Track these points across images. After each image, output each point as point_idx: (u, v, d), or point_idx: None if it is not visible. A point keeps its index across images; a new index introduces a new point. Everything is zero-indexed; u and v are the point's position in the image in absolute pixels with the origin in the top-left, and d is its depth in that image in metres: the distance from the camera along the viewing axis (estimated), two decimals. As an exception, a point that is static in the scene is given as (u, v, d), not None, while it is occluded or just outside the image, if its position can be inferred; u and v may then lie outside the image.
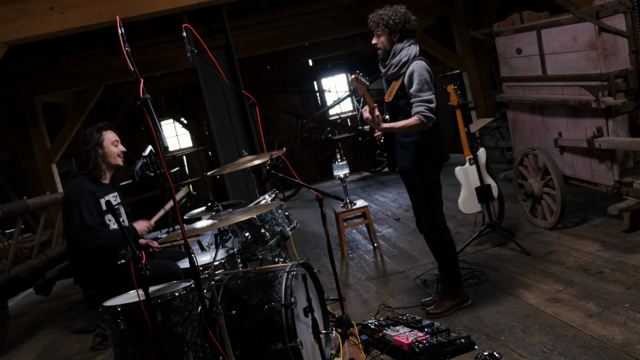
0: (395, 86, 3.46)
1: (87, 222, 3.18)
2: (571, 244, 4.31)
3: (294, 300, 2.73)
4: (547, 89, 4.75)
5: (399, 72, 3.42)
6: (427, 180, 3.51)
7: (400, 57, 3.39)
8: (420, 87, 3.30)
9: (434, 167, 3.51)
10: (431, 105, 3.28)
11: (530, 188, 4.89)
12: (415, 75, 3.31)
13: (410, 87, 3.34)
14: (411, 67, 3.34)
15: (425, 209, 3.57)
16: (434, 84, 3.38)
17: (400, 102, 3.45)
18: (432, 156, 3.47)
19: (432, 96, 3.31)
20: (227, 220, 2.65)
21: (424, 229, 3.65)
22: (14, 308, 6.49)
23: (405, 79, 3.37)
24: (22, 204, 3.98)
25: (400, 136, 3.50)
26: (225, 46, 6.32)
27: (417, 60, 3.37)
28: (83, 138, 3.39)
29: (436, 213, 3.55)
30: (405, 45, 3.40)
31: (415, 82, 3.31)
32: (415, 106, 3.30)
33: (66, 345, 4.70)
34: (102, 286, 3.29)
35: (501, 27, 5.30)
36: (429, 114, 3.27)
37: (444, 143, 3.57)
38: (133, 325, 2.62)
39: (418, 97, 3.29)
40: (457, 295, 3.58)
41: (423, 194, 3.54)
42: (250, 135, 5.92)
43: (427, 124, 3.28)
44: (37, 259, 4.53)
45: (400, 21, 3.36)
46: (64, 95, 9.85)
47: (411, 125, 3.30)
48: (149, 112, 2.18)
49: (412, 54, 3.39)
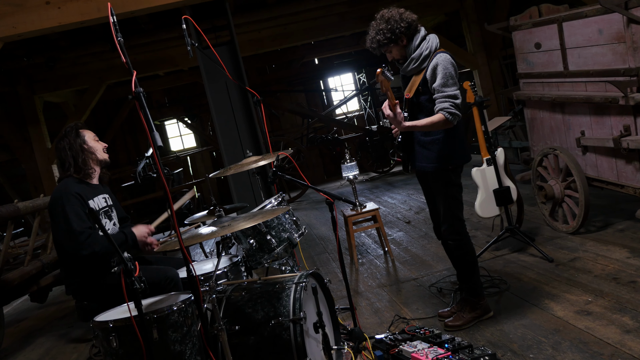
0: (416, 81, 3.20)
1: (75, 227, 2.94)
2: (597, 250, 4.05)
3: (303, 315, 2.49)
4: (569, 86, 4.49)
5: (420, 67, 3.16)
6: (448, 182, 3.25)
7: (421, 51, 3.13)
8: (445, 82, 3.04)
9: (455, 168, 3.25)
10: (457, 102, 3.03)
11: (551, 190, 4.63)
12: (440, 68, 3.06)
13: (434, 81, 3.08)
14: (434, 60, 3.09)
15: (444, 213, 3.31)
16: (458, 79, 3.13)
17: (422, 98, 3.19)
18: (454, 156, 3.22)
19: (458, 91, 3.06)
20: (229, 228, 2.41)
21: (442, 234, 3.40)
22: (11, 314, 6.27)
23: (428, 73, 3.11)
24: (12, 207, 3.75)
25: (420, 135, 3.24)
26: (229, 43, 6.09)
27: (440, 53, 3.11)
28: (62, 139, 3.18)
29: (456, 218, 3.30)
30: (418, 39, 3.14)
31: (439, 76, 3.05)
32: (439, 102, 3.05)
33: (62, 355, 4.47)
34: (94, 297, 3.06)
35: (518, 20, 5.04)
36: (454, 110, 3.02)
37: (466, 142, 3.33)
38: (126, 343, 2.39)
39: (442, 92, 3.04)
40: (478, 306, 3.32)
41: (443, 197, 3.29)
42: (255, 135, 5.68)
43: (452, 121, 3.03)
44: (31, 265, 4.30)
45: (395, 27, 3.09)
46: (65, 95, 9.66)
47: (435, 122, 3.05)
48: (142, 107, 1.94)
49: (434, 46, 3.14)
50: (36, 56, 7.98)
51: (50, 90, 8.63)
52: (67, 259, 3.08)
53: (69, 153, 3.16)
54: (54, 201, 3.06)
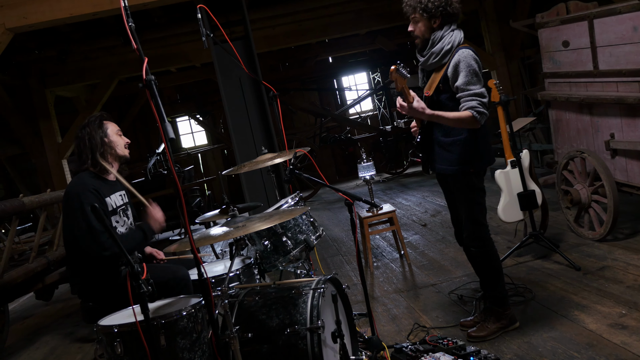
0: (436, 78, 3.01)
1: (96, 227, 2.78)
2: (626, 258, 3.84)
3: (321, 324, 2.32)
4: (599, 86, 4.29)
5: (441, 62, 2.98)
6: (470, 185, 3.06)
7: (443, 45, 2.94)
8: (469, 80, 2.86)
9: (478, 171, 3.07)
10: (484, 100, 2.84)
11: (577, 195, 4.43)
12: (462, 65, 2.87)
13: (456, 79, 2.89)
14: (456, 57, 2.90)
15: (466, 218, 3.13)
16: (483, 76, 2.95)
17: (442, 96, 3.01)
18: (476, 159, 3.02)
19: (484, 89, 2.88)
20: (245, 229, 2.24)
21: (465, 241, 3.22)
22: (17, 310, 6.16)
23: (449, 70, 2.92)
24: (17, 202, 3.61)
25: (440, 135, 3.05)
26: (244, 38, 5.95)
27: (463, 48, 2.91)
28: (83, 128, 3.00)
29: (479, 224, 3.11)
30: (447, 31, 2.95)
31: (463, 73, 2.86)
32: (465, 101, 2.86)
33: (67, 355, 4.34)
34: (101, 298, 2.90)
35: (545, 17, 4.84)
36: (482, 109, 2.83)
37: (490, 144, 3.13)
38: (132, 349, 2.24)
39: (468, 90, 2.85)
40: (503, 316, 3.13)
41: (465, 201, 3.11)
42: (269, 132, 5.52)
43: (480, 120, 2.84)
44: (36, 262, 4.15)
45: (441, 4, 2.91)
46: (76, 89, 9.55)
47: (462, 119, 2.85)
48: (152, 95, 1.79)
49: (456, 41, 2.94)
50: (48, 49, 7.89)
51: (62, 84, 8.52)
52: (76, 258, 2.92)
53: (88, 144, 2.99)
54: (70, 197, 2.89)
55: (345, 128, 12.26)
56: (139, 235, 3.00)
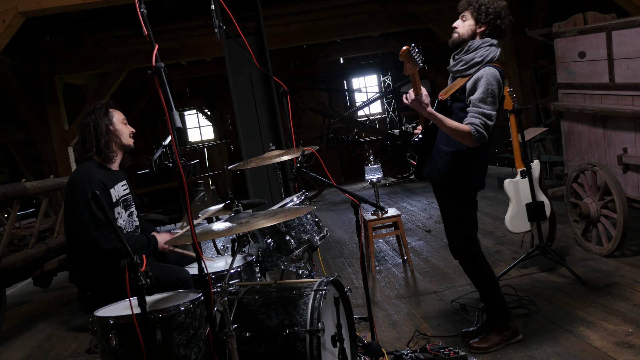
0: (457, 85, 2.93)
1: (99, 219, 2.73)
2: (635, 276, 3.77)
3: (321, 327, 2.26)
4: (614, 99, 4.22)
5: (466, 72, 2.89)
6: (460, 200, 2.98)
7: (474, 56, 2.85)
8: (484, 98, 2.77)
9: (466, 188, 2.99)
10: (489, 123, 2.75)
11: (586, 209, 4.35)
12: (482, 82, 2.78)
13: (472, 93, 2.81)
14: (481, 72, 2.80)
15: (455, 232, 3.06)
16: (500, 100, 2.86)
17: (455, 104, 2.93)
18: (467, 177, 2.93)
19: (494, 113, 2.78)
20: (249, 225, 2.19)
21: (457, 255, 3.15)
22: (15, 295, 6.13)
23: (469, 83, 2.83)
24: (19, 187, 3.56)
25: (441, 143, 2.96)
26: (256, 33, 5.89)
27: (490, 67, 2.82)
28: (89, 115, 2.95)
29: (469, 238, 3.02)
30: (485, 45, 2.86)
31: (480, 90, 2.77)
32: (471, 115, 2.77)
33: (62, 343, 4.30)
34: (98, 289, 2.86)
35: (562, 27, 4.77)
36: (482, 130, 2.74)
37: (486, 169, 3.04)
38: (127, 343, 2.18)
39: (478, 107, 2.76)
40: (505, 329, 3.06)
41: (453, 214, 3.03)
42: (277, 130, 5.47)
43: (476, 140, 2.75)
44: (35, 248, 4.11)
45: (495, 13, 2.83)
46: (86, 78, 9.54)
47: (459, 130, 2.75)
48: (161, 83, 1.74)
49: (489, 57, 2.84)
50: (59, 35, 7.87)
51: (72, 71, 8.50)
52: (76, 247, 2.87)
53: (92, 132, 2.95)
54: (75, 187, 2.84)
55: (353, 130, 12.21)
56: (143, 240, 2.97)
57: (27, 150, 10.95)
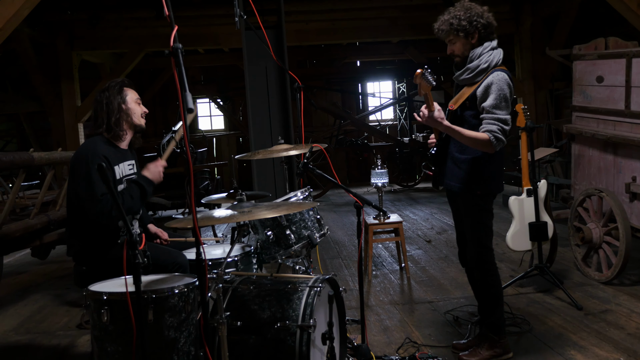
0: (465, 94, 2.94)
1: (98, 192, 2.73)
2: (631, 305, 3.75)
3: (313, 323, 2.26)
4: (627, 126, 4.20)
5: (474, 80, 2.90)
6: (477, 207, 3.00)
7: (479, 63, 2.86)
8: (497, 104, 2.79)
9: (485, 194, 3.00)
10: (506, 128, 2.78)
11: (589, 234, 4.33)
12: (494, 88, 2.80)
13: (484, 100, 2.82)
14: (490, 78, 2.82)
15: (470, 239, 3.06)
16: (512, 103, 2.87)
17: (466, 113, 2.94)
18: (485, 182, 2.96)
19: (509, 117, 2.81)
20: (250, 214, 2.19)
21: (468, 262, 3.15)
22: (12, 264, 6.16)
23: (479, 90, 2.85)
24: (26, 156, 3.58)
25: (455, 151, 2.98)
26: (276, 27, 5.89)
27: (499, 71, 2.84)
28: (102, 92, 2.96)
29: (484, 246, 3.04)
30: (487, 50, 2.88)
31: (493, 96, 2.79)
32: (487, 123, 2.79)
33: (54, 316, 4.31)
34: (95, 264, 2.86)
35: (583, 50, 4.75)
36: (501, 135, 2.77)
37: (502, 170, 3.05)
38: (118, 319, 2.19)
39: (492, 113, 2.78)
40: (498, 345, 3.05)
41: (471, 221, 3.04)
42: (287, 125, 5.47)
43: (495, 146, 2.78)
44: (37, 219, 4.13)
45: (472, 18, 2.84)
46: (103, 56, 9.57)
47: (478, 140, 2.79)
48: (177, 63, 1.74)
49: (494, 61, 2.87)
50: (80, 11, 7.90)
51: (89, 48, 8.53)
52: (77, 220, 2.88)
53: (104, 109, 2.95)
54: (79, 159, 2.85)
55: (362, 133, 12.20)
56: (135, 189, 2.90)
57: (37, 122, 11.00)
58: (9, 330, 4.06)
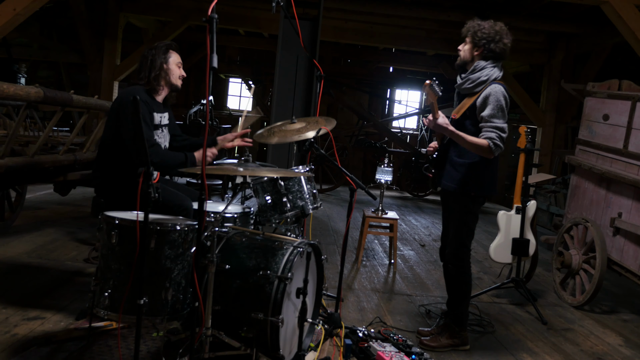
0: (466, 104, 3.25)
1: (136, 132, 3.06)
2: (593, 329, 4.00)
3: (290, 276, 2.57)
4: (622, 165, 4.43)
5: (474, 90, 3.21)
6: (465, 208, 3.29)
7: (480, 75, 3.18)
8: (495, 113, 3.10)
9: (477, 196, 3.29)
10: (503, 135, 3.09)
11: (569, 259, 4.58)
12: (492, 99, 3.11)
13: (482, 110, 3.14)
14: (488, 90, 3.14)
15: (453, 237, 3.35)
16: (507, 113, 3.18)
17: (467, 121, 3.25)
18: (479, 184, 3.25)
19: (505, 125, 3.12)
20: (252, 171, 2.51)
21: (445, 257, 3.44)
22: (33, 201, 6.57)
23: (479, 100, 3.16)
24: (67, 95, 3.94)
25: (455, 155, 3.29)
26: (313, 20, 6.20)
27: (496, 84, 3.16)
28: (151, 49, 3.32)
29: (463, 245, 3.33)
30: (489, 65, 3.20)
31: (490, 106, 3.11)
32: (486, 131, 3.10)
33: (64, 248, 4.69)
34: (113, 198, 3.21)
35: (595, 87, 4.99)
36: (499, 142, 3.08)
37: (496, 176, 3.35)
38: (125, 241, 2.53)
39: (490, 122, 3.10)
40: (457, 335, 3.34)
41: (456, 221, 3.33)
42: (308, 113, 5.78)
43: (494, 152, 3.09)
44: (65, 156, 4.50)
45: (487, 38, 3.16)
46: (148, 21, 9.98)
47: (478, 145, 3.10)
48: (211, 31, 2.06)
49: (493, 76, 3.19)
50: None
51: (137, 12, 8.94)
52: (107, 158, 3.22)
53: (148, 64, 3.30)
54: (122, 102, 3.17)
55: (383, 138, 12.47)
56: (180, 158, 3.23)
57: (76, 75, 11.48)
58: (22, 252, 4.44)
